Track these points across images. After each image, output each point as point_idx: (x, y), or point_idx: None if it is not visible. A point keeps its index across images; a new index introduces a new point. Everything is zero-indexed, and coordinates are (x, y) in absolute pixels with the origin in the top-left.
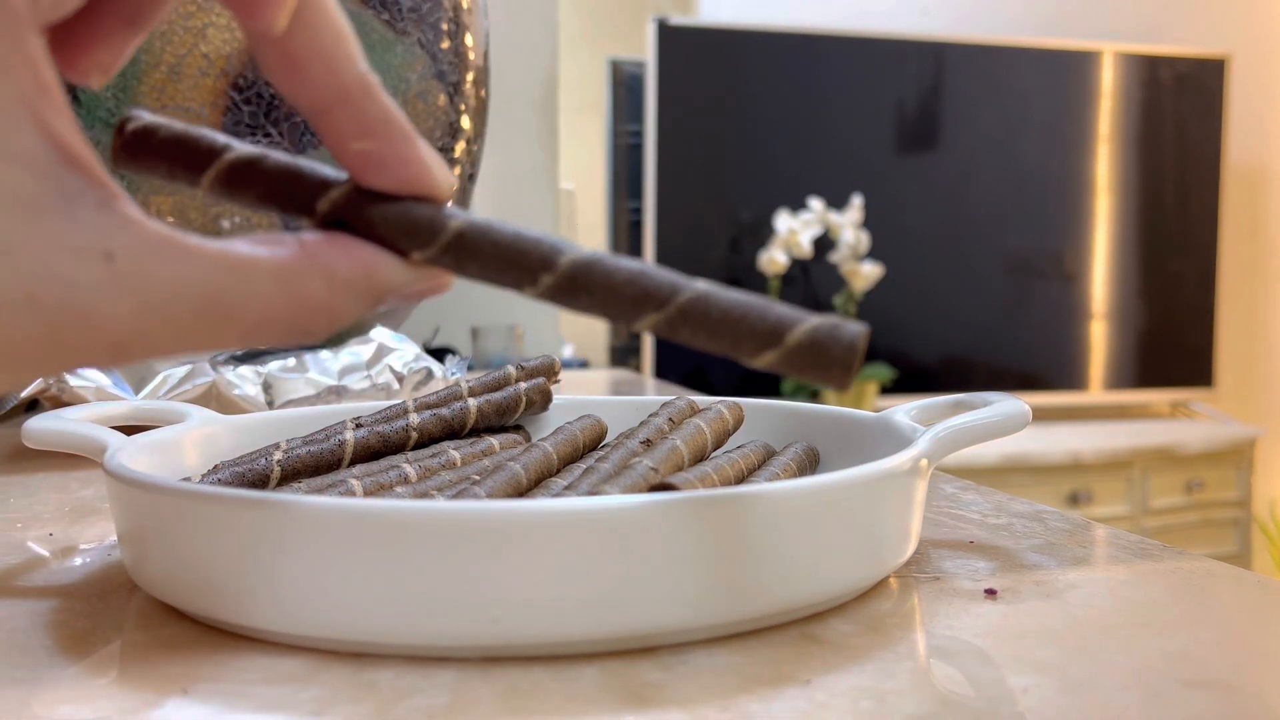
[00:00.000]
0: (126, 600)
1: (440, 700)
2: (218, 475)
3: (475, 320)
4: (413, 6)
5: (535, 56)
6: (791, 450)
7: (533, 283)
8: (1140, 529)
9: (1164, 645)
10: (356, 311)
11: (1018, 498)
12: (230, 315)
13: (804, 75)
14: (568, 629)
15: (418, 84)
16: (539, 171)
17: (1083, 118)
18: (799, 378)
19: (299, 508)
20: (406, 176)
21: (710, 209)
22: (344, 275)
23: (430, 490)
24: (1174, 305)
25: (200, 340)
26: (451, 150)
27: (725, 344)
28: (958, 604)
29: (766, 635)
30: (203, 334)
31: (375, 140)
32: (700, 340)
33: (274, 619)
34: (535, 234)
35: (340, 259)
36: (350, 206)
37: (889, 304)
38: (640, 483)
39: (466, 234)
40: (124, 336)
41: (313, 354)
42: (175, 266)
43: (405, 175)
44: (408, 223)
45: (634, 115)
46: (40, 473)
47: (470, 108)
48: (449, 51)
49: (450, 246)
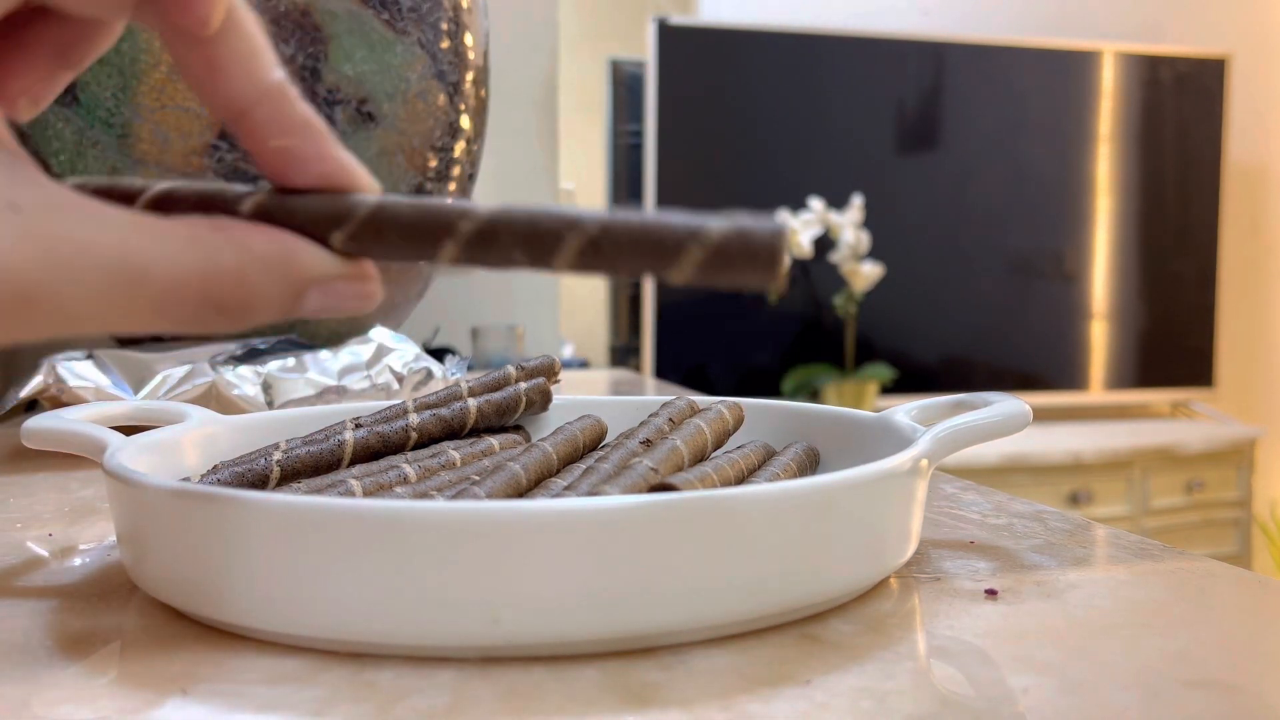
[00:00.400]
0: (126, 600)
1: (440, 700)
2: (217, 475)
3: (475, 320)
4: (413, 6)
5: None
6: (791, 450)
7: (452, 239)
8: (1140, 529)
9: (1164, 645)
10: (276, 295)
11: (1018, 498)
12: (139, 278)
13: (804, 75)
14: (568, 629)
15: (418, 84)
16: (539, 171)
17: (1083, 118)
18: (725, 280)
19: (298, 508)
20: (326, 171)
21: (710, 209)
22: (259, 250)
23: (430, 490)
24: (1174, 305)
25: (110, 303)
26: (451, 150)
27: (646, 261)
28: (958, 604)
29: (766, 635)
30: (112, 296)
31: (294, 138)
32: (623, 263)
33: (274, 619)
34: (443, 201)
35: (256, 235)
36: (272, 204)
37: (889, 304)
38: (640, 483)
39: (385, 206)
40: (28, 287)
41: (312, 354)
42: (84, 223)
43: (324, 170)
44: (326, 207)
45: (634, 115)
46: (40, 473)
47: (470, 108)
48: (449, 51)
49: (369, 222)
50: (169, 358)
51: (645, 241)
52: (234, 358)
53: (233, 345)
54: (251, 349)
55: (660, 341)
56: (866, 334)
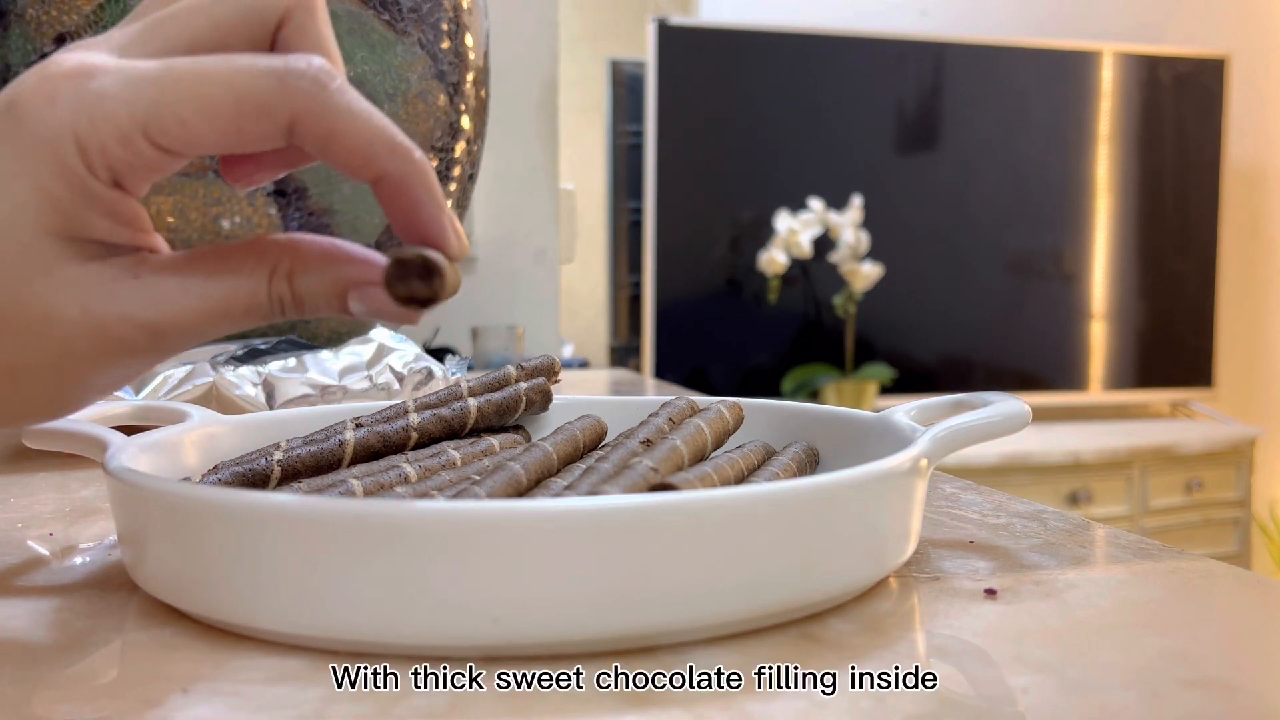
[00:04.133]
0: (126, 600)
1: (440, 700)
2: (218, 475)
3: (475, 320)
4: (413, 6)
5: (535, 56)
6: (791, 450)
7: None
8: (1140, 529)
9: (1164, 645)
10: (324, 295)
11: (1017, 498)
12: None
13: (804, 75)
14: (568, 629)
15: (418, 84)
16: (539, 171)
17: (1083, 118)
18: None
19: (299, 508)
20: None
21: (710, 209)
22: (306, 250)
23: (430, 490)
24: (1174, 305)
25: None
26: (451, 150)
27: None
28: (957, 604)
29: (766, 635)
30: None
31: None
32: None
33: (274, 619)
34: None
35: (305, 241)
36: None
37: (889, 304)
38: (640, 483)
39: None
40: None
41: (313, 354)
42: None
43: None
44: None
45: (634, 115)
46: (40, 473)
47: (470, 108)
48: (449, 52)
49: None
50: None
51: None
52: (235, 358)
53: (233, 346)
54: (252, 349)
55: (660, 341)
56: (866, 334)
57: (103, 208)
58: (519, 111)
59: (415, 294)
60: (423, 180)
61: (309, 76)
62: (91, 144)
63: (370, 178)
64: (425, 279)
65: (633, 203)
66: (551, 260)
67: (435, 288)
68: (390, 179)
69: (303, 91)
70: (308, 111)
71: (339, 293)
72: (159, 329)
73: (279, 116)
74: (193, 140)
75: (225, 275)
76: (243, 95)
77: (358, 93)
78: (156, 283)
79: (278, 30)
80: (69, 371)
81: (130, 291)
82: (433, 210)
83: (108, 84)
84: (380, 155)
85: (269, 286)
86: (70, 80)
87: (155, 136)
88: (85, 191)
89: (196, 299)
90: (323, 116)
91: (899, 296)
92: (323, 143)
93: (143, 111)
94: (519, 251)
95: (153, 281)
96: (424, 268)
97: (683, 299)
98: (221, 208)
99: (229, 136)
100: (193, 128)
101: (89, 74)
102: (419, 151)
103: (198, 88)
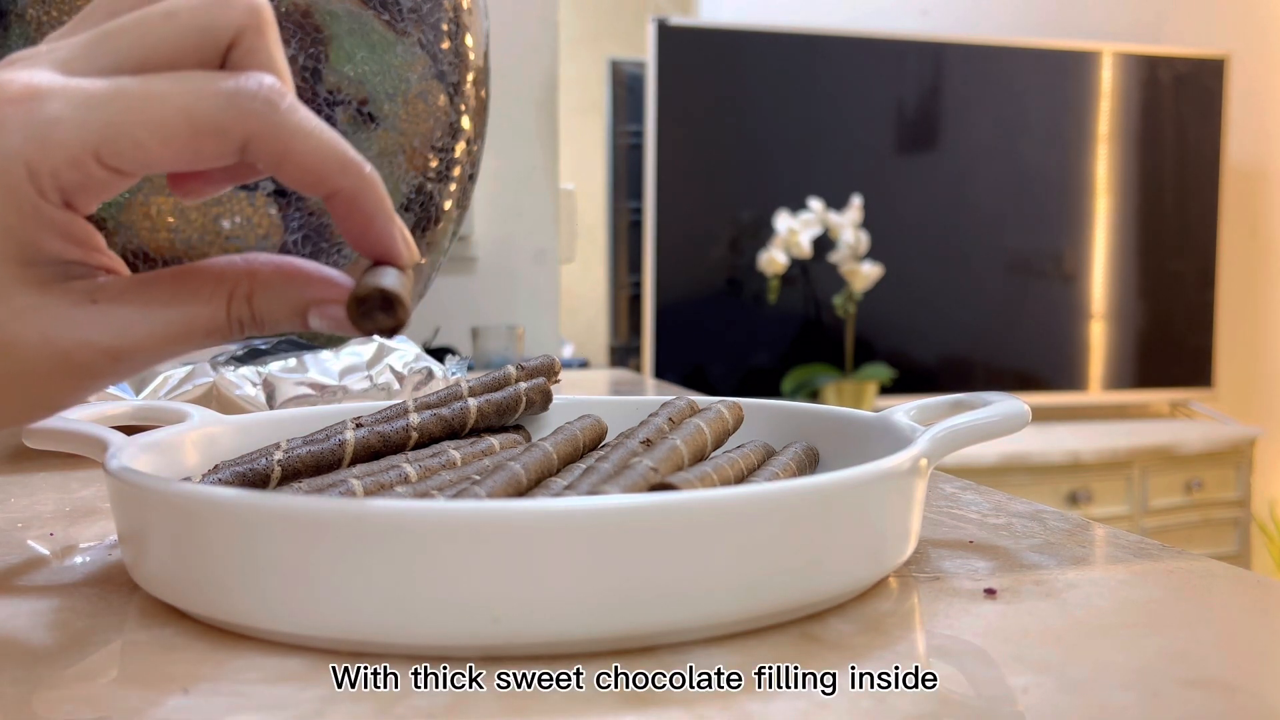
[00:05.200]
0: (126, 600)
1: (440, 700)
2: (218, 475)
3: (475, 320)
4: (413, 7)
5: (535, 57)
6: (791, 450)
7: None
8: (1140, 529)
9: (1164, 645)
10: (284, 314)
11: (1017, 497)
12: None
13: (804, 75)
14: (568, 629)
15: (418, 84)
16: (539, 171)
17: (1082, 118)
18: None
19: (299, 508)
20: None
21: (710, 209)
22: (264, 277)
23: (430, 490)
24: (1173, 305)
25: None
26: (451, 150)
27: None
28: (957, 603)
29: (766, 635)
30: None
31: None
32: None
33: (274, 619)
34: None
35: (263, 261)
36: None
37: (889, 304)
38: (640, 483)
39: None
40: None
41: (313, 354)
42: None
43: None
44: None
45: (634, 115)
46: (40, 473)
47: (470, 108)
48: (449, 52)
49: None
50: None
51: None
52: (235, 358)
53: (234, 346)
54: (252, 349)
55: (660, 341)
56: (866, 334)
57: (55, 229)
58: (519, 111)
59: (380, 326)
60: (373, 195)
61: (260, 97)
62: (43, 169)
63: (323, 194)
64: (387, 311)
65: (633, 203)
66: (551, 260)
67: (399, 317)
68: (343, 195)
69: (255, 113)
70: (261, 132)
71: (299, 312)
72: (119, 354)
73: (233, 137)
74: (147, 161)
75: (184, 299)
76: (196, 117)
77: (309, 110)
78: (116, 308)
79: (228, 51)
80: (29, 391)
81: (89, 317)
82: (383, 222)
83: (58, 108)
84: (332, 172)
85: (228, 309)
86: (18, 105)
87: (108, 159)
88: (37, 215)
89: (158, 324)
90: (276, 136)
91: (899, 296)
92: (276, 161)
93: (95, 135)
94: (519, 251)
95: (111, 307)
96: (384, 300)
97: (683, 299)
98: (221, 208)
99: (183, 156)
100: (148, 149)
101: (37, 97)
102: (369, 166)
103: (151, 110)
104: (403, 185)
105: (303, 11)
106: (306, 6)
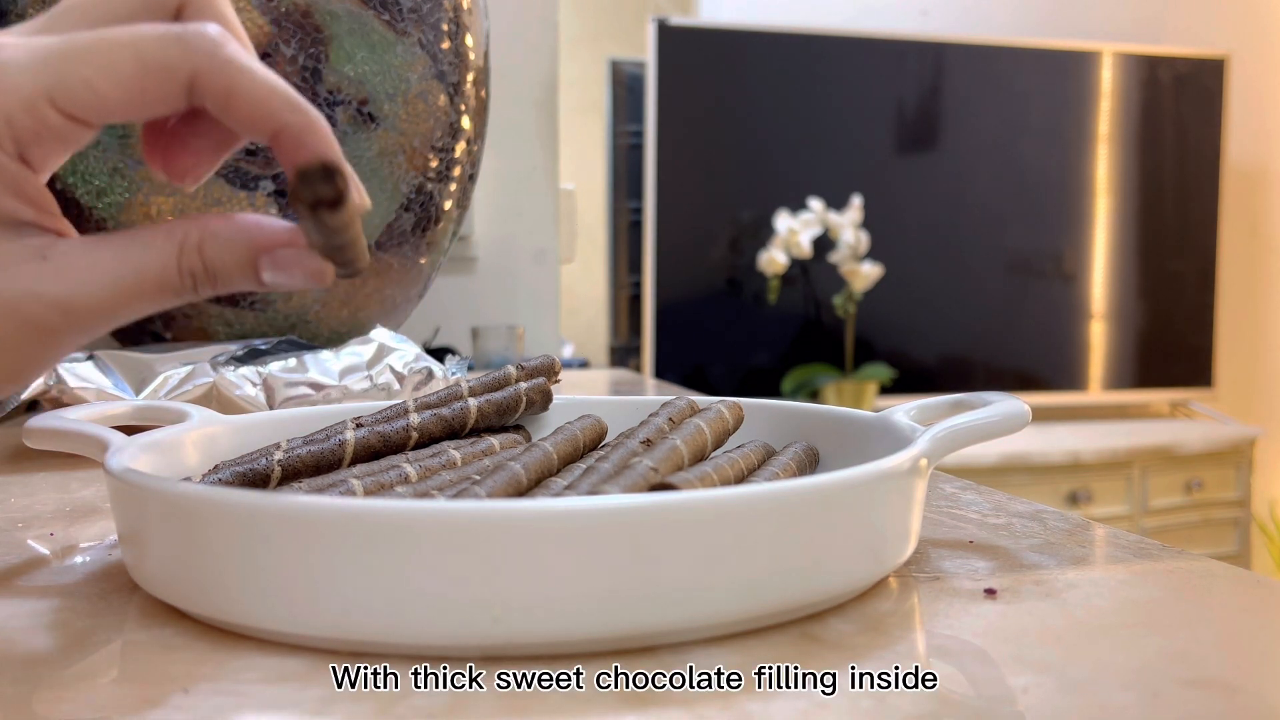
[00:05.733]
0: (126, 600)
1: (440, 700)
2: (218, 475)
3: (475, 320)
4: (413, 7)
5: (535, 57)
6: (791, 450)
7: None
8: (1140, 529)
9: (1164, 645)
10: (235, 264)
11: (1017, 497)
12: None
13: (804, 75)
14: (568, 629)
15: (418, 84)
16: (539, 171)
17: (1082, 118)
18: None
19: (299, 508)
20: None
21: (710, 209)
22: (214, 227)
23: (430, 490)
24: (1173, 305)
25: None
26: (452, 150)
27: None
28: (957, 603)
29: (766, 635)
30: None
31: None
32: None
33: (274, 619)
34: None
35: (214, 218)
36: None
37: (889, 304)
38: (640, 483)
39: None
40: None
41: (313, 354)
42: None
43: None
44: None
45: (634, 115)
46: (40, 473)
47: (470, 108)
48: (449, 52)
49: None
50: (170, 358)
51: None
52: (235, 358)
53: (234, 346)
54: (252, 349)
55: (660, 341)
56: (866, 334)
57: (6, 182)
58: (519, 111)
59: (321, 196)
60: (319, 132)
61: (207, 36)
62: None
63: (270, 131)
64: (328, 179)
65: (633, 203)
66: (551, 260)
67: (339, 186)
68: (289, 131)
69: (201, 50)
70: (208, 68)
71: (250, 259)
72: (70, 307)
73: (180, 75)
74: (99, 104)
75: (135, 251)
76: (145, 55)
77: (255, 55)
78: (66, 263)
79: (177, 16)
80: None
81: (39, 270)
82: (332, 160)
83: (11, 55)
84: (279, 108)
85: (179, 260)
86: None
87: (61, 103)
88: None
89: (108, 276)
90: (222, 72)
91: (899, 296)
92: (223, 98)
93: (48, 78)
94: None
95: (62, 262)
96: (324, 170)
97: (683, 299)
98: (222, 208)
99: (133, 97)
100: (98, 90)
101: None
102: (315, 109)
103: (101, 52)
104: (403, 185)
105: (303, 11)
106: (306, 6)
